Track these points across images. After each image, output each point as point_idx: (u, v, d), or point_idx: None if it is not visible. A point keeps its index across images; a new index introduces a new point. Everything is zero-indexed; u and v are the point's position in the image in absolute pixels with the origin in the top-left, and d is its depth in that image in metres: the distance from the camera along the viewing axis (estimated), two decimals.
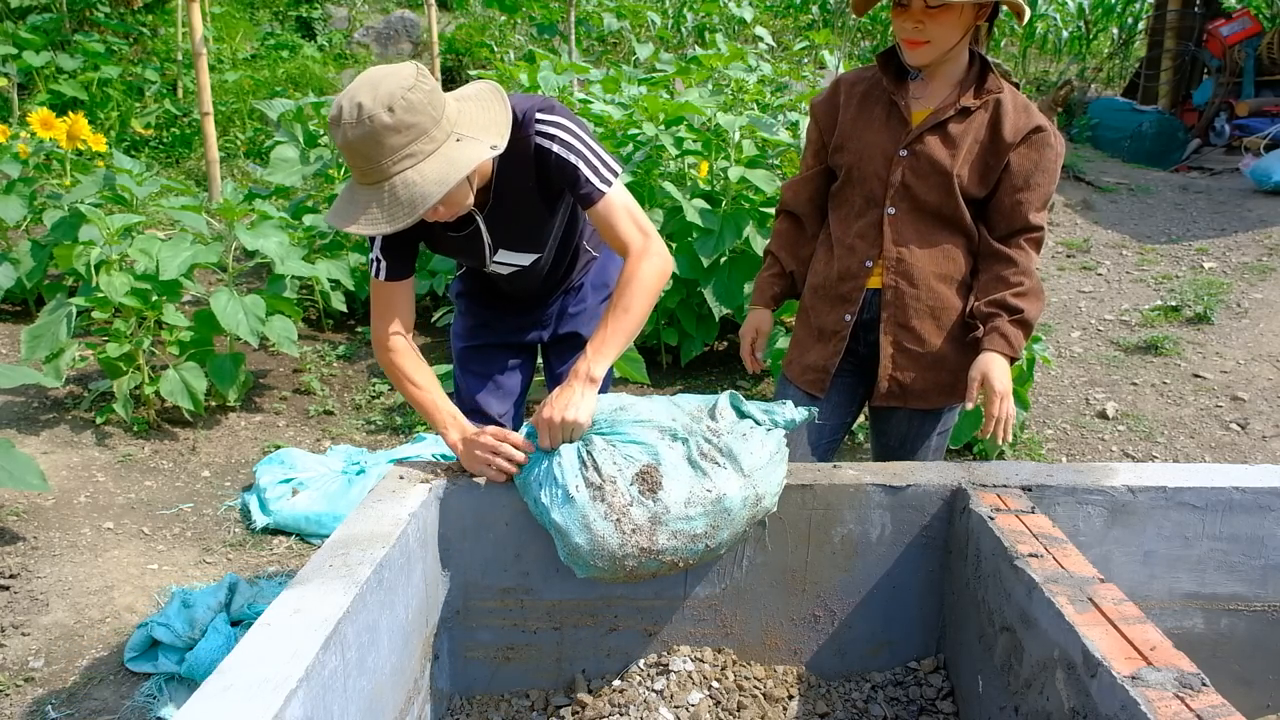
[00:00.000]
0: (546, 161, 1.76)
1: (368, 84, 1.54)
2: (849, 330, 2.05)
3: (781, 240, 2.23)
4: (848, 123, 2.03)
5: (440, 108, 1.58)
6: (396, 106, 1.51)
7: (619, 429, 1.71)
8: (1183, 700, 1.19)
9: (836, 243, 2.07)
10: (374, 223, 1.58)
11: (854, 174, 2.01)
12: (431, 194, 1.57)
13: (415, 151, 1.56)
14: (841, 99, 2.06)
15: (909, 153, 1.93)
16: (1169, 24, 9.57)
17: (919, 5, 1.80)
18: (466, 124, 1.64)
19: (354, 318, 4.87)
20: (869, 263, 2.00)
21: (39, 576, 2.71)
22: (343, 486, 3.12)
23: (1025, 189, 1.92)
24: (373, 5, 10.84)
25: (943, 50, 1.86)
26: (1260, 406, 4.04)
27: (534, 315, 2.18)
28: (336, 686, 1.34)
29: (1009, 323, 1.92)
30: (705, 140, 4.21)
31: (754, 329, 2.25)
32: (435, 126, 1.57)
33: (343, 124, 1.53)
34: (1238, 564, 1.87)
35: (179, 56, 8.08)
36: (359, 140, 1.52)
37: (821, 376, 2.09)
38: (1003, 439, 1.89)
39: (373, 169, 1.56)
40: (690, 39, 9.95)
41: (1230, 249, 6.07)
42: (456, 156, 1.59)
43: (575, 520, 1.62)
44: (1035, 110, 1.93)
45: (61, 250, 3.58)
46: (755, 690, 1.84)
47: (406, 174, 1.56)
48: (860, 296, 2.02)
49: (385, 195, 1.57)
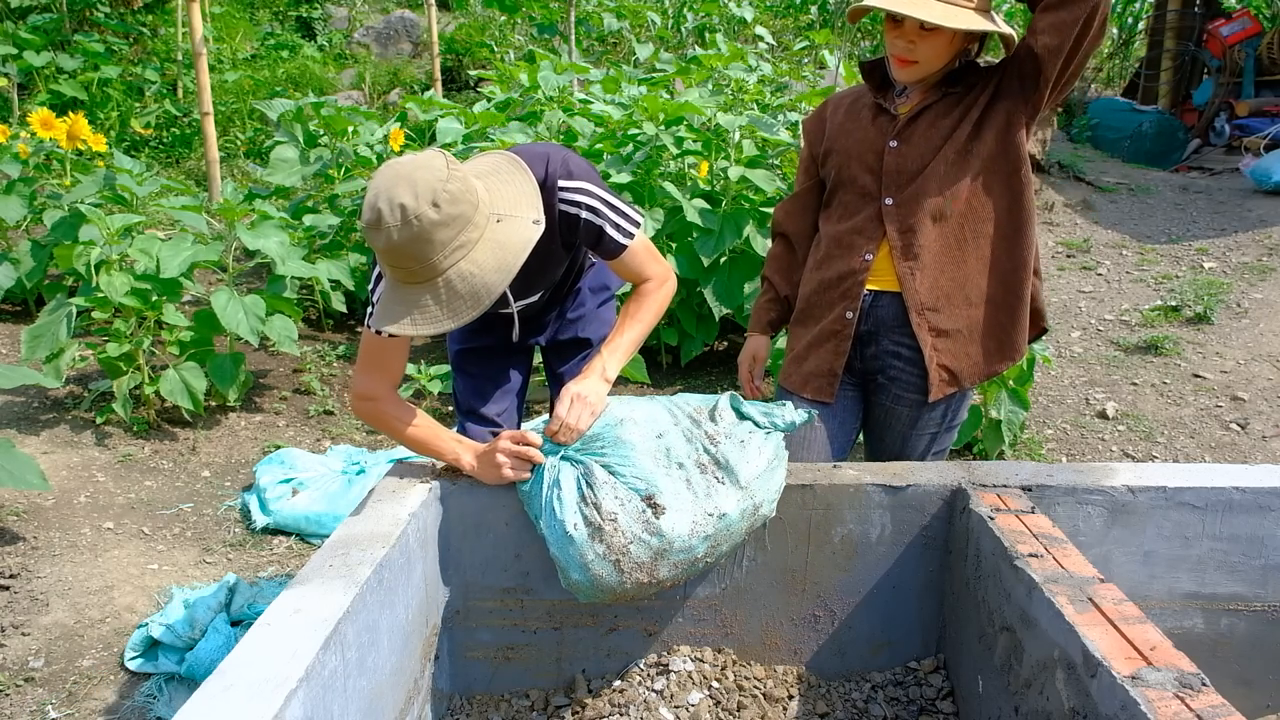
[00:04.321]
0: (574, 226, 1.76)
1: (403, 181, 1.47)
2: (851, 329, 2.01)
3: (775, 264, 2.23)
4: (835, 129, 2.05)
5: (475, 191, 1.53)
6: (441, 201, 1.46)
7: (621, 449, 1.70)
8: (1183, 700, 1.19)
9: (833, 244, 2.04)
10: (434, 320, 1.52)
11: (844, 174, 2.01)
12: (495, 283, 1.52)
13: (464, 242, 1.50)
14: (829, 112, 2.11)
15: (899, 142, 1.93)
16: (1169, 24, 9.58)
17: (913, 25, 1.81)
18: (500, 202, 1.59)
19: (354, 318, 4.87)
20: (869, 255, 1.98)
21: (39, 576, 2.71)
22: (343, 486, 3.11)
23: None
24: (373, 5, 10.84)
25: (930, 71, 1.89)
26: (1260, 406, 4.04)
27: (533, 324, 2.18)
28: (336, 686, 1.34)
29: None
30: (705, 140, 4.21)
31: (751, 355, 2.24)
32: (476, 212, 1.52)
33: (385, 227, 1.46)
34: (1238, 564, 1.87)
35: (179, 56, 8.08)
36: (407, 242, 1.46)
37: (828, 380, 2.05)
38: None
39: (423, 268, 1.50)
40: (690, 39, 9.94)
41: (1230, 249, 6.07)
42: (506, 240, 1.55)
43: (574, 560, 1.62)
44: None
45: (61, 250, 3.58)
46: (755, 690, 1.84)
47: (460, 266, 1.51)
48: (861, 293, 1.99)
49: (441, 291, 1.51)
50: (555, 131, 4.75)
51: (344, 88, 8.95)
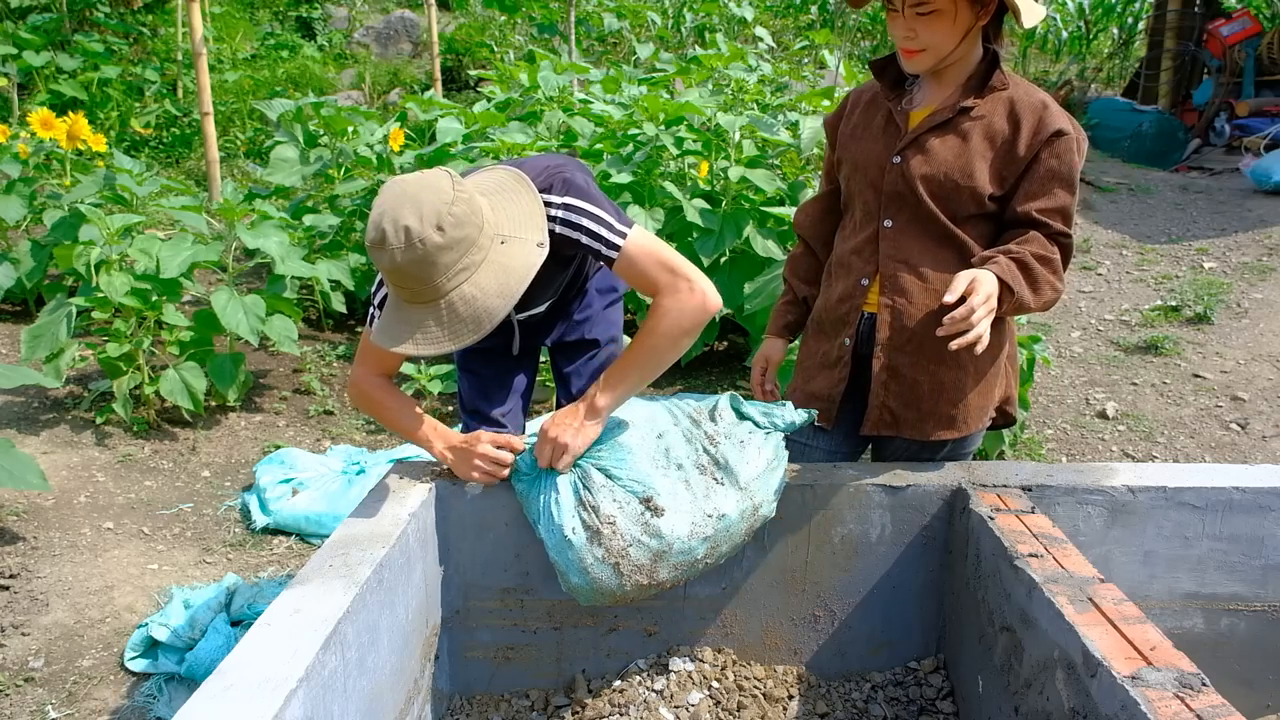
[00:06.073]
0: (564, 241, 1.71)
1: (408, 202, 1.47)
2: (849, 355, 1.89)
3: (794, 265, 2.12)
4: (847, 134, 1.93)
5: (480, 212, 1.52)
6: (445, 224, 1.46)
7: (618, 452, 1.69)
8: (1183, 700, 1.19)
9: (837, 263, 1.94)
10: (435, 342, 1.52)
11: (852, 186, 1.90)
12: (496, 308, 1.52)
13: (468, 264, 1.51)
14: (847, 110, 1.96)
15: (902, 159, 1.78)
16: (1169, 24, 9.57)
17: (910, 12, 1.70)
18: (505, 222, 1.58)
19: (354, 318, 4.87)
20: (865, 281, 1.85)
21: (39, 576, 2.71)
22: (343, 486, 3.11)
23: (1042, 196, 1.73)
24: (373, 5, 10.84)
25: (940, 56, 1.73)
26: (1260, 406, 4.04)
27: (537, 330, 2.17)
28: (336, 686, 1.34)
29: (1008, 258, 1.68)
30: (705, 140, 4.21)
31: (764, 358, 2.13)
32: (480, 234, 1.51)
33: (389, 248, 1.46)
34: (1238, 564, 1.87)
35: (179, 56, 8.08)
36: (410, 264, 1.47)
37: (827, 406, 1.93)
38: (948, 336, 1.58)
39: (426, 289, 1.50)
40: (690, 39, 9.94)
41: (1230, 249, 6.07)
42: (510, 264, 1.54)
43: (573, 564, 1.62)
44: (1055, 109, 1.75)
45: (61, 250, 3.58)
46: (755, 690, 1.84)
47: (463, 289, 1.51)
48: (858, 319, 1.87)
49: (443, 313, 1.52)
50: (555, 131, 4.75)
51: (344, 88, 8.95)
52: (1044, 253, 1.70)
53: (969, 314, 1.54)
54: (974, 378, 1.84)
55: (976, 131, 1.75)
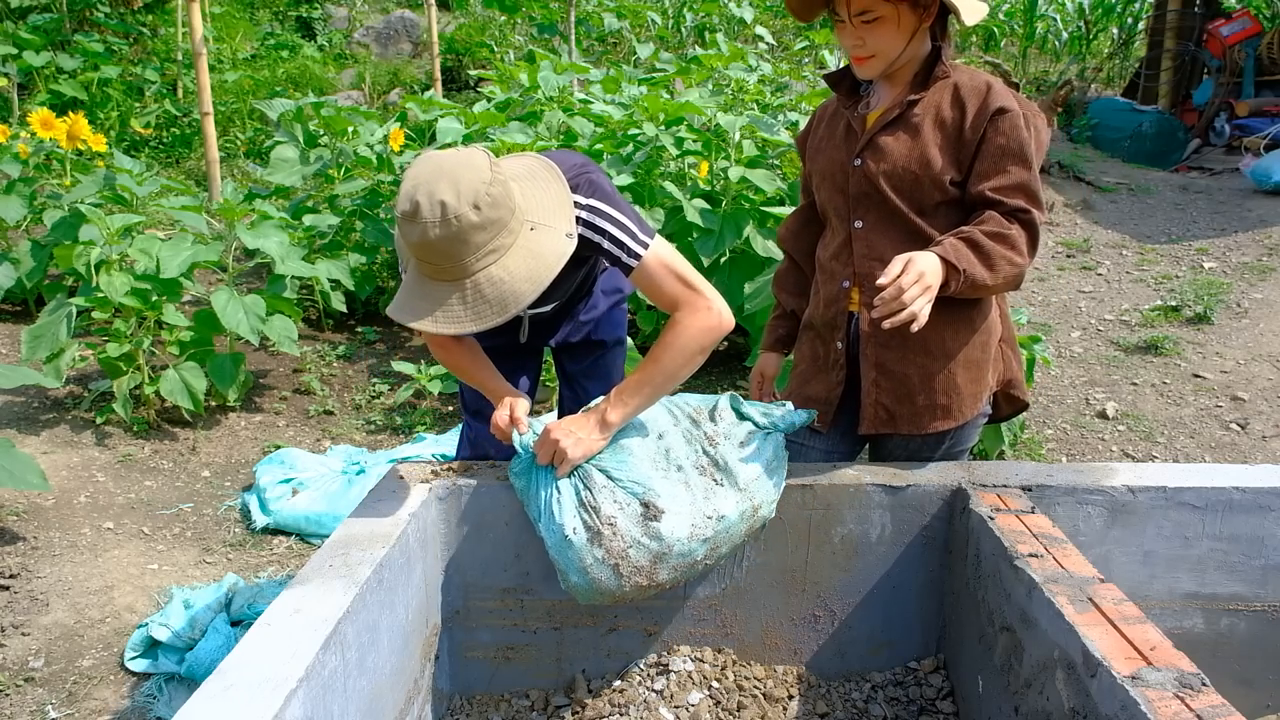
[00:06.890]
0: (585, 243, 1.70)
1: (445, 177, 1.45)
2: (843, 358, 1.92)
3: (780, 280, 2.18)
4: (814, 147, 1.99)
5: (513, 196, 1.51)
6: (482, 204, 1.44)
7: (619, 454, 1.69)
8: (1183, 700, 1.19)
9: (821, 270, 1.99)
10: (456, 320, 1.50)
11: (823, 195, 1.95)
12: (525, 293, 1.50)
13: (498, 246, 1.49)
14: (813, 126, 2.04)
15: (861, 160, 1.83)
16: (1169, 24, 9.57)
17: (855, 21, 1.75)
18: (535, 209, 1.57)
19: (354, 318, 4.87)
20: (846, 283, 1.89)
21: (39, 576, 2.71)
22: (343, 486, 3.11)
23: (995, 175, 1.73)
24: (373, 5, 10.84)
25: (889, 60, 1.79)
26: (1260, 406, 4.04)
27: (543, 328, 2.17)
28: (336, 686, 1.34)
29: (955, 238, 1.69)
30: (705, 140, 4.21)
31: (760, 373, 2.20)
32: (512, 218, 1.50)
33: (422, 221, 1.43)
34: (1238, 564, 1.87)
35: (179, 56, 8.08)
36: (442, 240, 1.44)
37: (824, 409, 1.96)
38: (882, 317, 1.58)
39: (454, 267, 1.48)
40: (690, 39, 9.95)
41: (1230, 249, 6.07)
42: (540, 250, 1.52)
43: (573, 564, 1.62)
44: (998, 89, 1.77)
45: (61, 250, 3.58)
46: (755, 690, 1.84)
47: (491, 270, 1.49)
48: (846, 322, 1.91)
49: (468, 292, 1.50)
50: (555, 132, 4.75)
51: (344, 88, 8.95)
52: (998, 229, 1.71)
53: (897, 294, 1.55)
54: (963, 365, 1.86)
55: (926, 121, 1.79)
